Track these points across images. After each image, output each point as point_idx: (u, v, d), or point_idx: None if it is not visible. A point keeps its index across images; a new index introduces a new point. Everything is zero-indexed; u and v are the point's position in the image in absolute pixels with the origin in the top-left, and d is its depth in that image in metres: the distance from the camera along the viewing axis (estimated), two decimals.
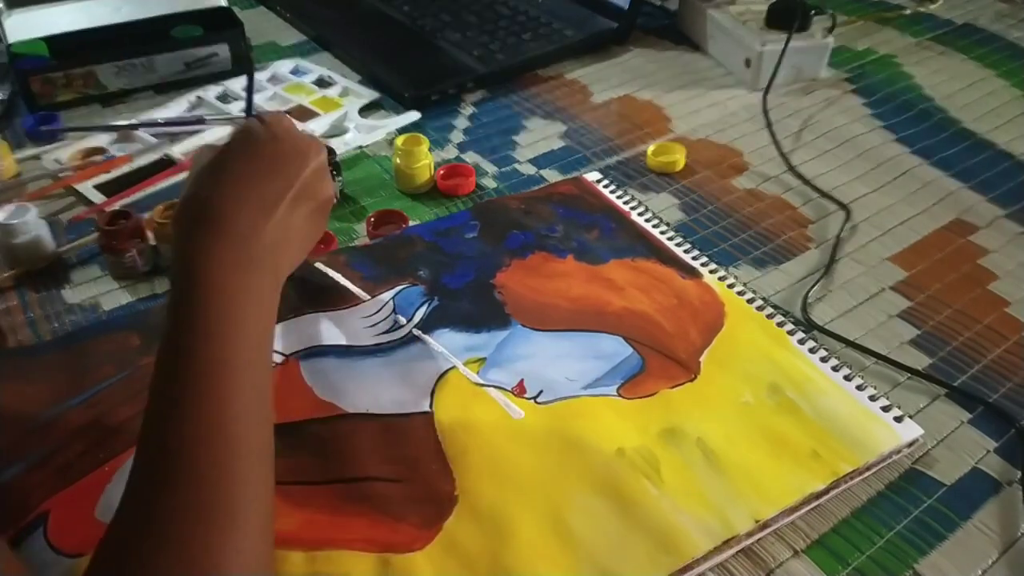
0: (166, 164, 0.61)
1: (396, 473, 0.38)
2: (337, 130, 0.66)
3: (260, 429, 0.32)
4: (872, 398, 0.42)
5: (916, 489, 0.39)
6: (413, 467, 0.38)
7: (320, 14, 0.82)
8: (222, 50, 0.72)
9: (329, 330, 0.45)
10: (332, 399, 0.42)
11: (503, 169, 0.62)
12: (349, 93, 0.70)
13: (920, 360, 0.46)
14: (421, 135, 0.59)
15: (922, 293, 0.50)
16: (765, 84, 0.70)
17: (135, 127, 0.64)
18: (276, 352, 0.44)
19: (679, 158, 0.61)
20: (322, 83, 0.72)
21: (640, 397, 0.42)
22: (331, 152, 0.57)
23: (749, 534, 0.36)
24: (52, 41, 0.69)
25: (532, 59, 0.74)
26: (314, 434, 0.40)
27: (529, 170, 0.62)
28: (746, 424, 0.41)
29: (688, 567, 0.35)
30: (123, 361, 0.44)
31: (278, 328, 0.45)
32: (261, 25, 0.82)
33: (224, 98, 0.69)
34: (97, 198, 0.57)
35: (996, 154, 0.63)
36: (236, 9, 0.79)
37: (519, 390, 0.42)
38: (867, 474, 0.39)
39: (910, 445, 0.40)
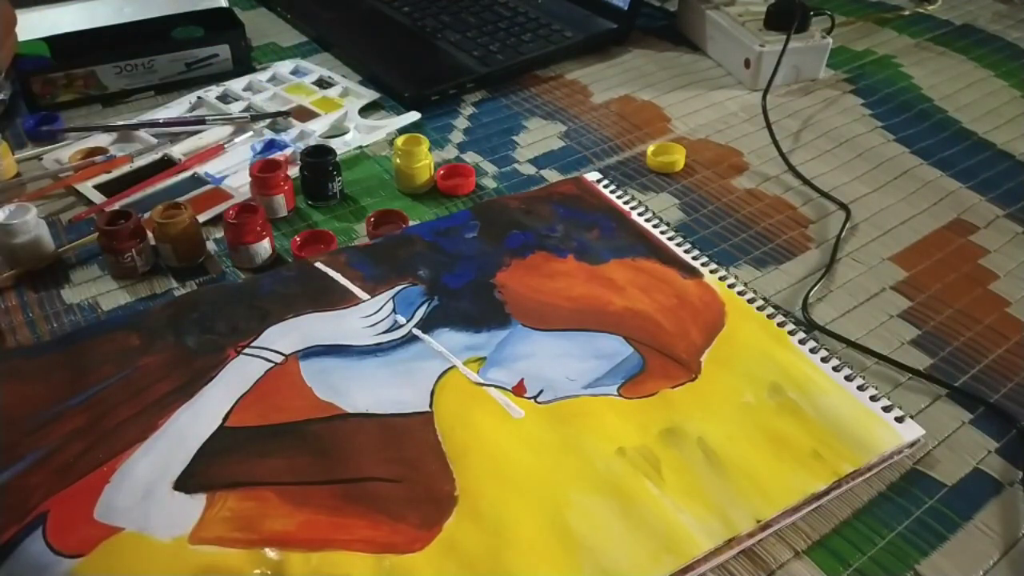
0: (166, 164, 0.61)
1: (396, 473, 0.38)
2: (337, 130, 0.66)
3: None
4: (873, 398, 0.42)
5: (917, 490, 0.39)
6: (413, 467, 0.38)
7: (320, 15, 0.82)
8: (223, 51, 0.72)
9: (329, 330, 0.45)
10: (332, 399, 0.41)
11: (503, 169, 0.62)
12: (349, 93, 0.70)
13: (921, 360, 0.46)
14: (421, 135, 0.59)
15: (923, 293, 0.50)
16: (764, 84, 0.70)
17: (136, 127, 0.64)
18: (275, 352, 0.44)
19: (679, 158, 0.61)
20: (322, 83, 0.72)
21: (641, 397, 0.42)
22: (331, 152, 0.57)
23: (750, 534, 0.36)
24: (53, 42, 0.69)
25: (532, 60, 0.74)
26: (314, 434, 0.40)
27: (529, 170, 0.62)
28: (747, 424, 0.40)
29: (689, 567, 0.35)
30: (122, 361, 0.43)
31: (278, 328, 0.45)
32: (262, 26, 0.82)
33: (224, 99, 0.69)
34: (97, 198, 0.57)
35: (996, 154, 0.63)
36: (237, 10, 0.79)
37: (519, 390, 0.42)
38: (868, 475, 0.39)
39: (911, 445, 0.40)
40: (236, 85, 0.70)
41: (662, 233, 0.53)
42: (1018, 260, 0.53)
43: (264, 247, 0.52)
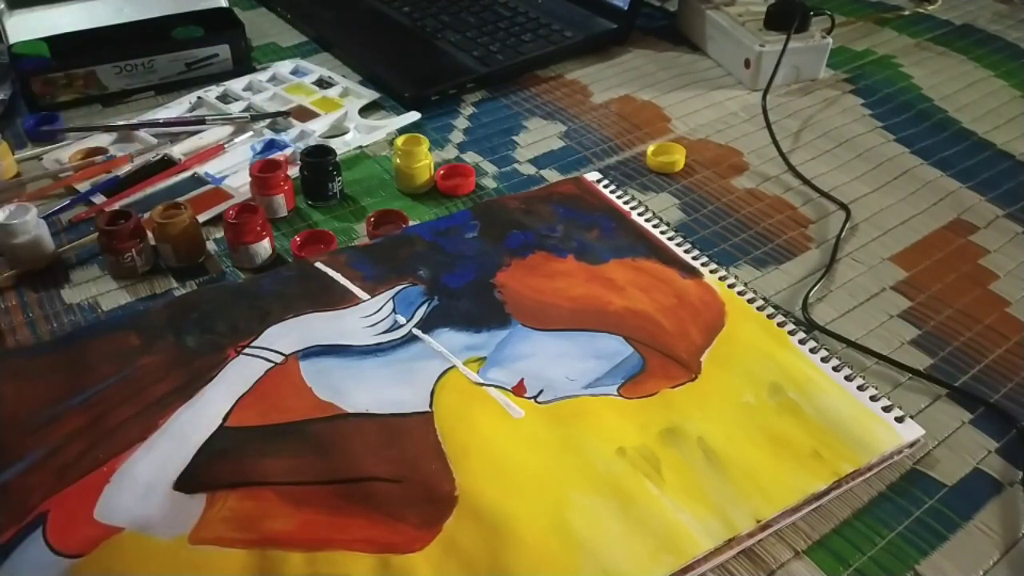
0: (166, 164, 0.61)
1: (396, 473, 0.38)
2: (337, 130, 0.66)
3: None
4: (873, 398, 0.42)
5: (917, 490, 0.39)
6: (413, 467, 0.38)
7: (320, 15, 0.82)
8: (223, 51, 0.72)
9: (329, 330, 0.45)
10: (332, 399, 0.41)
11: (503, 169, 0.62)
12: (349, 93, 0.70)
13: (921, 360, 0.46)
14: (421, 135, 0.59)
15: (923, 293, 0.50)
16: (764, 84, 0.70)
17: (135, 127, 0.64)
18: (275, 352, 0.44)
19: (679, 158, 0.61)
20: (322, 83, 0.72)
21: (641, 397, 0.42)
22: (331, 152, 0.57)
23: (750, 534, 0.36)
24: (53, 42, 0.69)
25: (532, 60, 0.74)
26: (314, 434, 0.40)
27: (529, 170, 0.62)
28: (747, 424, 0.40)
29: (689, 567, 0.35)
30: (122, 361, 0.43)
31: (278, 328, 0.45)
32: (262, 26, 0.82)
33: (224, 98, 0.69)
34: (97, 198, 0.57)
35: (996, 154, 0.63)
36: (237, 10, 0.79)
37: (519, 389, 0.42)
38: (868, 475, 0.39)
39: (911, 445, 0.40)
40: (236, 85, 0.70)
41: (662, 233, 0.53)
42: (1018, 260, 0.53)
43: (264, 247, 0.52)
